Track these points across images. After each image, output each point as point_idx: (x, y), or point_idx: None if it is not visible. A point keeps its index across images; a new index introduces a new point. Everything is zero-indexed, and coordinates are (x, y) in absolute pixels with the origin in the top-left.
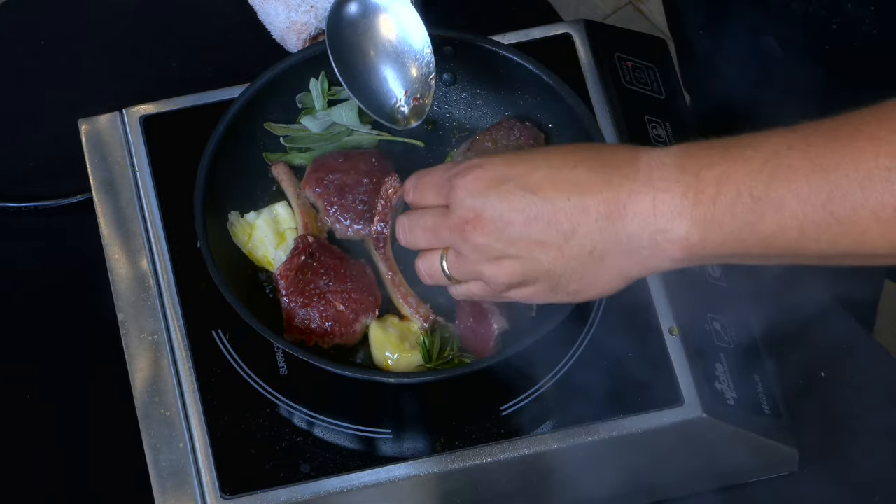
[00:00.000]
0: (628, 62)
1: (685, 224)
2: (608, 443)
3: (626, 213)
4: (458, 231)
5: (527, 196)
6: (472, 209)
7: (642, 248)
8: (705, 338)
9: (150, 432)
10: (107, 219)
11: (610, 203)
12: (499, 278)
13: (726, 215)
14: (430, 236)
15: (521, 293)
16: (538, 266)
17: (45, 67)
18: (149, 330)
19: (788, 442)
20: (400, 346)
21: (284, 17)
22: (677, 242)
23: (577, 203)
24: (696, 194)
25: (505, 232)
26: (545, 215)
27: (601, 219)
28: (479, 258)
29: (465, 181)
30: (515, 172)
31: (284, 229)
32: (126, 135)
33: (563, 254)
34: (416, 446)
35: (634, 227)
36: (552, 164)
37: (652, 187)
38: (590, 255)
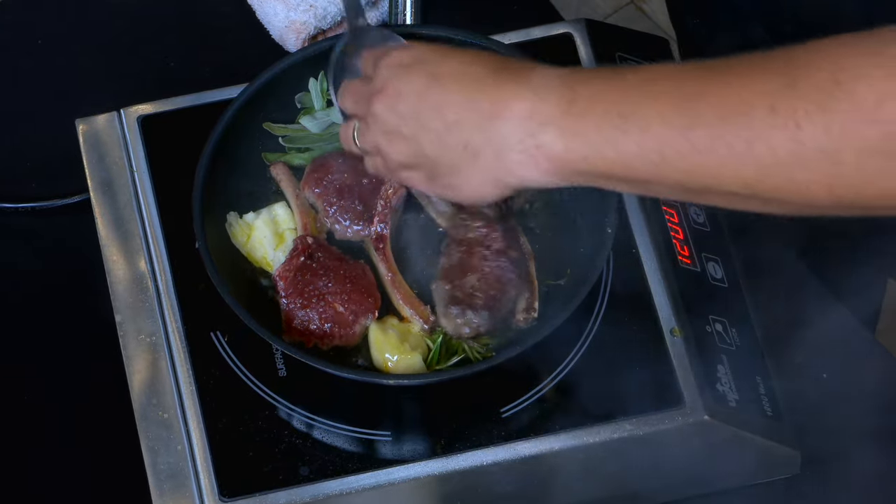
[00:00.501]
0: (630, 62)
1: (552, 131)
2: (609, 445)
3: (504, 115)
4: (369, 100)
5: (428, 80)
6: (382, 80)
7: (511, 151)
8: (707, 339)
9: (148, 434)
10: (104, 219)
11: (496, 103)
12: (393, 155)
13: (591, 128)
14: (351, 102)
15: (409, 175)
16: (421, 150)
17: (41, 67)
18: (147, 331)
19: (790, 444)
20: (400, 348)
21: (283, 16)
22: (544, 149)
23: (467, 96)
24: (569, 104)
25: (398, 107)
26: (434, 100)
27: (483, 117)
28: (377, 130)
29: (389, 57)
30: (429, 58)
31: (283, 230)
32: (124, 135)
33: (441, 142)
34: (415, 448)
35: (508, 128)
36: (463, 60)
37: (535, 95)
38: (464, 149)
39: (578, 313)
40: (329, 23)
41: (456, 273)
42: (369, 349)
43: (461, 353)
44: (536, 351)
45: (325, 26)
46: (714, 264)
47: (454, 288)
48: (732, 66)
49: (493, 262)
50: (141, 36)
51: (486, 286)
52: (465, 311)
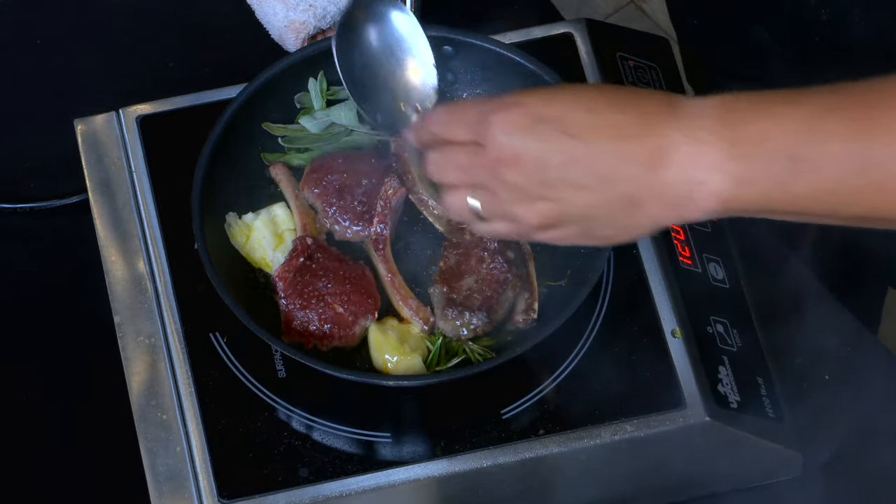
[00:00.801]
0: (630, 62)
1: (722, 178)
2: (610, 446)
3: (665, 163)
4: (492, 170)
5: (566, 139)
6: (508, 149)
7: (678, 198)
8: (708, 340)
9: (146, 436)
10: (103, 220)
11: (651, 151)
12: (530, 219)
13: (762, 173)
14: (462, 174)
15: (551, 235)
16: (572, 209)
17: (40, 67)
18: (145, 332)
19: (792, 445)
20: (400, 349)
21: (283, 16)
22: (713, 195)
23: (618, 149)
24: (731, 147)
25: (542, 174)
26: (585, 159)
27: (641, 166)
28: (512, 198)
29: (501, 119)
30: (554, 113)
31: (283, 230)
32: (122, 135)
33: (599, 198)
34: (415, 450)
35: (672, 176)
36: (593, 108)
37: (692, 138)
38: (627, 201)
39: (579, 314)
40: (328, 22)
41: (453, 276)
42: (369, 350)
43: (461, 354)
44: (537, 352)
45: (324, 26)
46: (715, 265)
47: (451, 290)
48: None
49: (489, 263)
50: (140, 36)
51: (483, 287)
52: (463, 312)
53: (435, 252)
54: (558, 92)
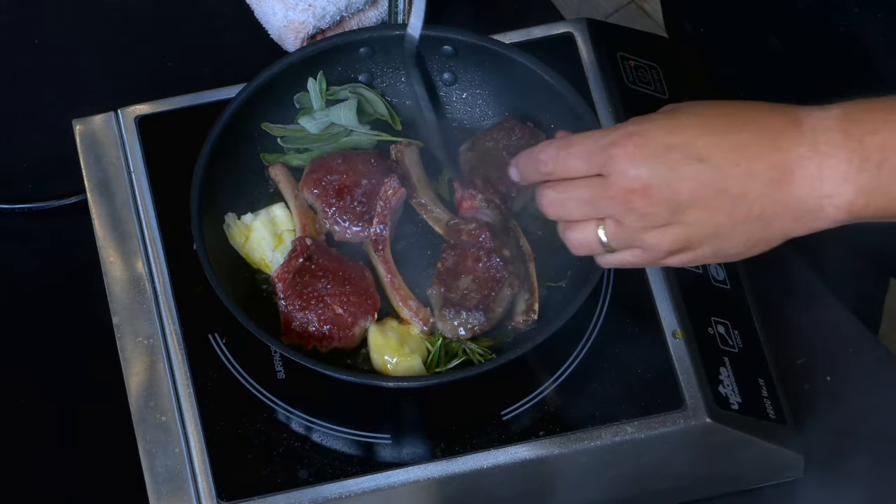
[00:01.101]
0: (631, 61)
1: (850, 190)
2: (610, 448)
3: (793, 178)
4: (620, 201)
5: (695, 164)
6: (636, 179)
7: (808, 212)
8: (709, 341)
9: (145, 437)
10: (102, 221)
11: (778, 168)
12: (661, 245)
13: (891, 182)
14: (587, 208)
15: (681, 258)
16: (703, 231)
17: (38, 67)
18: (144, 333)
19: (794, 447)
20: (399, 350)
21: (282, 15)
22: (843, 207)
23: (746, 169)
24: (861, 161)
25: (673, 201)
26: (714, 182)
27: (769, 183)
28: (642, 227)
29: (627, 151)
30: (679, 141)
31: (282, 231)
32: (121, 135)
33: (730, 218)
34: (415, 451)
35: (802, 191)
36: (716, 130)
37: (818, 152)
38: (757, 218)
39: (579, 315)
40: (328, 22)
41: (450, 276)
42: (368, 351)
43: (461, 355)
44: (537, 353)
45: (323, 26)
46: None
47: (448, 291)
48: None
49: (485, 262)
50: (138, 35)
51: (480, 286)
52: (460, 311)
53: (435, 253)
54: (677, 116)
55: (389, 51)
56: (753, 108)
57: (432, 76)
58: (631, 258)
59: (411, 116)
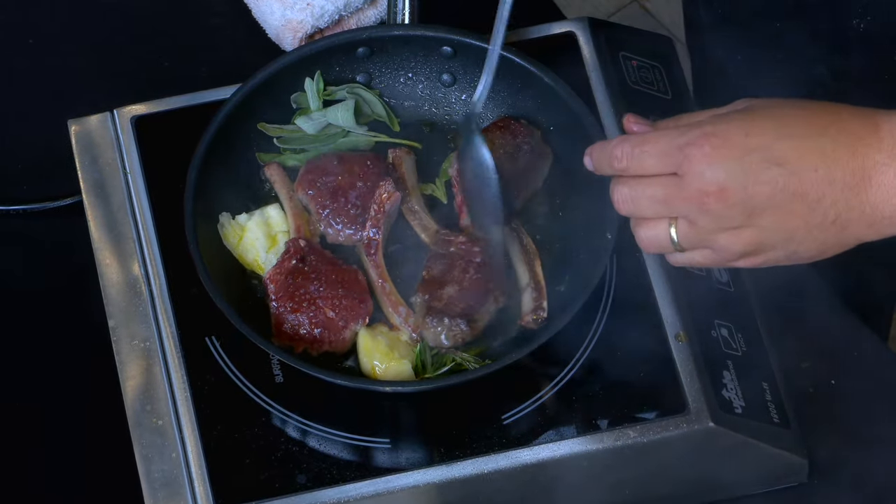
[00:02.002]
0: (633, 61)
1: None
2: (612, 452)
3: (870, 185)
4: (696, 202)
5: (773, 168)
6: (713, 182)
7: (884, 219)
8: (713, 344)
9: (141, 442)
10: (97, 222)
11: (856, 174)
12: (734, 247)
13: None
14: (660, 206)
15: (753, 261)
16: (778, 236)
17: (33, 67)
18: (140, 336)
19: (798, 452)
20: (389, 355)
21: (280, 14)
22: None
23: (825, 174)
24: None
25: (749, 203)
26: (792, 187)
27: (846, 189)
28: (715, 228)
29: (704, 152)
30: (757, 143)
31: (276, 232)
32: (117, 136)
33: (806, 223)
34: (414, 456)
35: (878, 197)
36: (794, 134)
37: (894, 158)
38: (833, 223)
39: (581, 318)
40: (326, 21)
41: (434, 285)
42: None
43: (450, 362)
44: (538, 357)
45: (322, 25)
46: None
47: (432, 299)
48: None
49: (472, 274)
50: (134, 35)
51: (465, 296)
52: (443, 318)
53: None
54: (754, 118)
55: (388, 51)
56: (832, 111)
57: (432, 77)
58: (700, 258)
59: (409, 118)
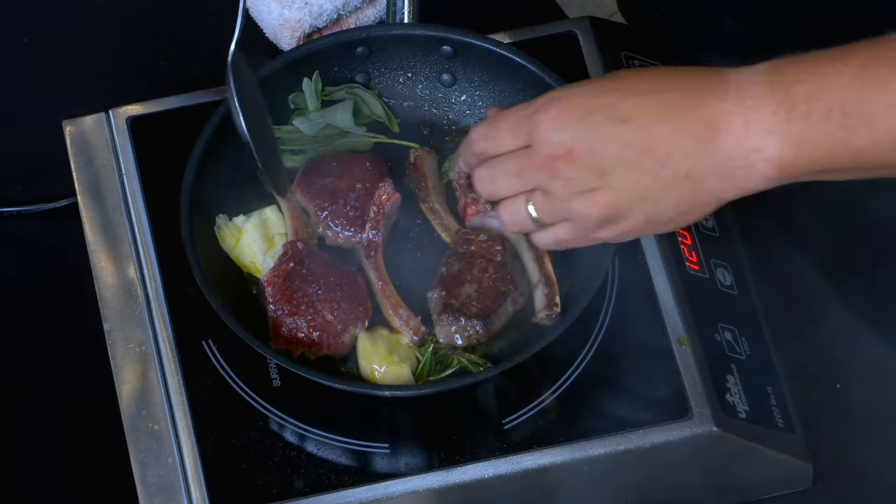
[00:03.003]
0: (636, 60)
1: (779, 142)
2: (614, 457)
3: (719, 134)
4: (546, 168)
5: (618, 125)
6: (560, 144)
7: (737, 169)
8: (716, 348)
9: (137, 447)
10: (92, 224)
11: (703, 124)
12: (591, 213)
13: (819, 132)
14: (516, 180)
15: (613, 229)
16: (632, 195)
17: (27, 67)
18: (136, 340)
19: (803, 457)
20: (388, 359)
21: (277, 14)
22: (772, 161)
23: (672, 127)
24: (788, 112)
25: (597, 163)
26: (639, 142)
27: (695, 141)
28: (569, 194)
29: (550, 116)
30: (603, 102)
31: (273, 234)
32: (112, 136)
33: (658, 180)
34: (414, 461)
35: (729, 147)
36: (639, 91)
37: (743, 106)
38: (686, 178)
39: (582, 321)
40: (325, 20)
41: (453, 282)
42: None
43: (455, 365)
44: (539, 360)
45: (320, 24)
46: (723, 270)
47: (449, 296)
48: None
49: (492, 274)
50: (130, 34)
51: (483, 296)
52: (459, 318)
53: (428, 260)
54: (604, 81)
55: (387, 51)
56: (681, 69)
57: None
58: (563, 234)
59: (409, 118)
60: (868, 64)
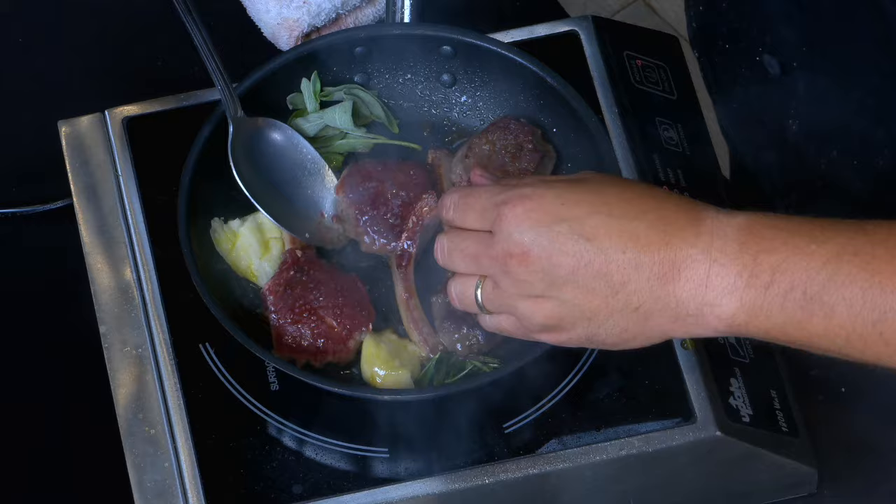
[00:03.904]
0: (638, 61)
1: (734, 304)
2: (617, 462)
3: (678, 278)
4: (500, 263)
5: (580, 242)
6: (519, 244)
7: (689, 316)
8: (720, 351)
9: (134, 451)
10: (88, 226)
11: (665, 264)
12: (534, 318)
13: (775, 306)
14: (470, 262)
15: (553, 336)
16: (578, 313)
17: (22, 66)
18: (132, 343)
19: (807, 461)
20: (390, 363)
21: (276, 13)
22: (724, 319)
23: (632, 258)
24: (751, 277)
25: (551, 273)
26: (596, 265)
27: (653, 278)
28: (517, 294)
29: (515, 213)
30: (571, 215)
31: (269, 238)
32: (109, 137)
33: (607, 305)
34: (414, 466)
35: (684, 293)
36: (612, 213)
37: (709, 258)
38: (635, 311)
39: None
40: (323, 20)
41: None
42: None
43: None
44: (540, 364)
45: (319, 23)
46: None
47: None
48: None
49: None
50: (126, 34)
51: None
52: (461, 326)
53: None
54: (577, 186)
55: (387, 51)
56: (659, 197)
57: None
58: (506, 325)
59: (408, 119)
60: (841, 254)
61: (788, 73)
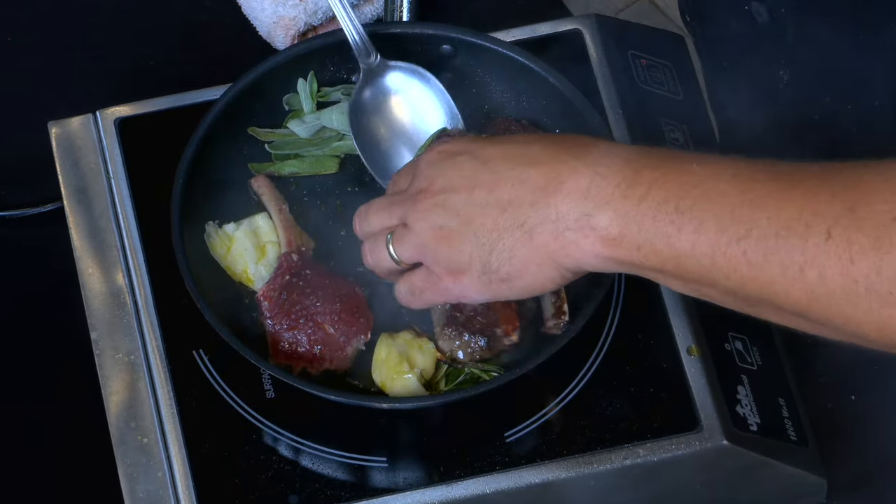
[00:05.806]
0: (643, 60)
1: (609, 213)
2: (621, 472)
3: (560, 189)
4: (409, 201)
5: (476, 165)
6: (426, 178)
7: (568, 230)
8: (726, 358)
9: (125, 460)
10: (79, 230)
11: (549, 175)
12: (438, 253)
13: (647, 218)
14: (383, 213)
15: (456, 280)
16: (474, 239)
17: (11, 66)
18: (124, 350)
19: (816, 471)
20: (398, 368)
21: (271, 11)
22: (598, 230)
23: (520, 173)
24: (628, 188)
25: (452, 200)
26: (488, 183)
27: (537, 190)
28: (424, 227)
29: (428, 155)
30: (474, 146)
31: (265, 242)
32: (100, 139)
33: (497, 225)
34: (413, 475)
35: (566, 205)
36: (512, 141)
37: (593, 171)
38: (520, 227)
39: (587, 331)
40: (320, 18)
41: None
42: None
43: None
44: (543, 372)
45: (315, 22)
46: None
47: (455, 308)
48: (802, 174)
49: None
50: (118, 32)
51: (489, 313)
52: (462, 333)
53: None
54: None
55: (385, 50)
56: (567, 136)
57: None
58: (419, 281)
59: None
60: (720, 174)
61: (777, 20)
